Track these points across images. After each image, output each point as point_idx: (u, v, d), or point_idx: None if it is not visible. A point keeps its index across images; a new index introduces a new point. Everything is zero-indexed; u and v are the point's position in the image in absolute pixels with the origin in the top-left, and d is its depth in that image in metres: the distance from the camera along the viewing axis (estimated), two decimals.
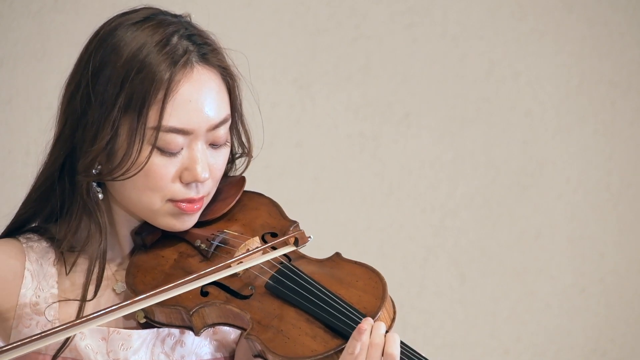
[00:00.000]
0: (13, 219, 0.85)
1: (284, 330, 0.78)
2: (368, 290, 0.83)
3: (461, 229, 2.75)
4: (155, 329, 0.84)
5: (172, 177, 0.82)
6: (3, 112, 2.09)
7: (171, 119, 0.79)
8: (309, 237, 0.84)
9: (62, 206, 0.84)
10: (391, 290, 2.71)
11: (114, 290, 0.85)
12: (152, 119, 0.79)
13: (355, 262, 0.84)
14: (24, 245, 0.84)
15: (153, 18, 0.82)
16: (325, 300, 0.79)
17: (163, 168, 0.81)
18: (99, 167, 0.81)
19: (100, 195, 0.83)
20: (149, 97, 0.78)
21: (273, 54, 3.36)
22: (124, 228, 0.87)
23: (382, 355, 0.77)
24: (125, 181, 0.81)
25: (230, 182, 0.91)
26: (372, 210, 2.58)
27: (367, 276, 0.82)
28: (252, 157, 0.89)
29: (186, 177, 0.82)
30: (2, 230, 0.87)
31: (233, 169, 0.88)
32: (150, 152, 0.79)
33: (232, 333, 0.83)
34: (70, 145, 0.82)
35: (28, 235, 0.85)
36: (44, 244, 0.84)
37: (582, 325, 3.47)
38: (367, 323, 0.75)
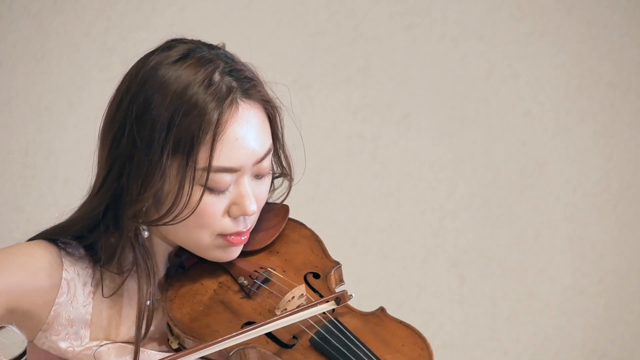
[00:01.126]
0: (40, 233, 0.84)
1: None
2: (415, 358, 0.82)
3: (460, 230, 2.75)
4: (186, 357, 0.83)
5: (222, 213, 0.81)
6: (2, 113, 2.08)
7: (220, 158, 0.78)
8: (351, 295, 0.84)
9: (106, 238, 0.83)
10: (390, 291, 2.73)
11: (145, 307, 0.84)
12: (201, 160, 0.78)
13: (401, 323, 0.82)
14: (62, 252, 0.83)
15: (192, 55, 0.81)
16: None
17: (212, 206, 0.80)
18: (145, 211, 0.80)
19: (146, 234, 0.83)
20: (198, 139, 0.77)
21: (272, 55, 3.36)
22: (162, 249, 0.86)
23: None
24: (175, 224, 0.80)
25: (272, 210, 0.90)
26: (371, 211, 2.58)
27: (413, 341, 0.81)
28: (293, 181, 0.89)
29: (235, 212, 0.82)
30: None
31: (272, 192, 0.87)
32: (202, 194, 0.79)
33: None
34: (115, 189, 0.81)
35: (66, 241, 0.84)
36: (82, 252, 0.83)
37: (582, 326, 3.47)
38: None
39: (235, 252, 0.84)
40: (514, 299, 2.91)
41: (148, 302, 0.83)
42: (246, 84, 0.81)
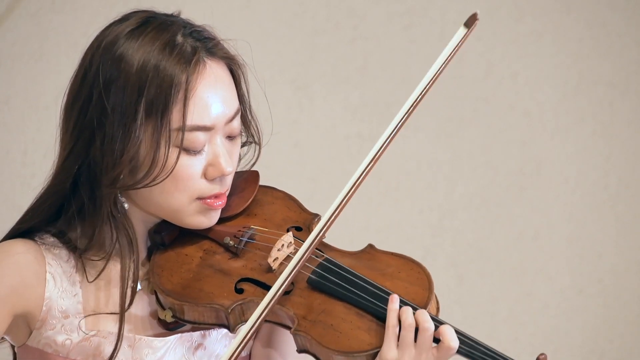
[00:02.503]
0: (11, 229, 0.84)
1: (334, 325, 0.77)
2: (413, 282, 0.82)
3: (459, 230, 2.75)
4: (177, 335, 0.83)
5: (199, 175, 0.82)
6: (1, 112, 2.08)
7: (194, 117, 0.79)
8: (318, 215, 0.84)
9: (80, 219, 0.82)
10: None
11: (131, 287, 0.84)
12: (175, 121, 0.79)
13: (392, 253, 0.83)
14: (41, 246, 0.83)
15: (151, 22, 0.82)
16: (374, 293, 0.79)
17: (190, 168, 0.81)
18: (122, 177, 0.80)
19: (126, 206, 0.83)
20: (170, 100, 0.78)
21: (271, 55, 3.36)
22: (141, 228, 0.86)
23: (438, 347, 0.77)
24: (153, 187, 0.80)
25: (243, 178, 0.91)
26: (369, 210, 2.58)
27: (409, 267, 0.82)
28: (262, 145, 0.90)
29: (212, 173, 0.82)
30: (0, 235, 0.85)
31: (239, 161, 0.87)
32: (178, 154, 0.79)
33: None
34: (84, 160, 0.81)
35: (45, 239, 0.84)
36: (60, 246, 0.83)
37: (580, 326, 3.47)
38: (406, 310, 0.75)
39: (215, 217, 0.85)
40: (513, 298, 2.91)
41: (131, 273, 0.83)
42: (209, 43, 0.83)
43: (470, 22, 0.79)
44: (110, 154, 0.79)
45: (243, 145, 0.87)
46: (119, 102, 0.78)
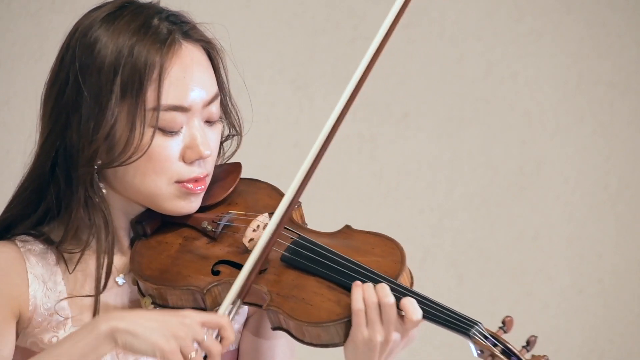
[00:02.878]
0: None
1: (305, 299, 0.77)
2: (386, 256, 0.83)
3: (459, 230, 2.75)
4: None
5: (176, 157, 0.82)
6: (1, 112, 2.08)
7: (169, 97, 0.79)
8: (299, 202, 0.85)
9: (58, 207, 0.83)
10: None
11: (116, 282, 0.84)
12: (150, 100, 0.79)
13: (368, 232, 0.84)
14: (21, 249, 0.83)
15: (127, 7, 0.83)
16: (346, 266, 0.79)
17: (166, 149, 0.81)
18: (99, 162, 0.80)
19: (104, 191, 0.82)
20: (145, 79, 0.78)
21: (271, 55, 3.36)
22: (122, 218, 0.86)
23: (402, 321, 0.77)
24: (130, 168, 0.80)
25: (226, 169, 0.91)
26: (369, 210, 2.58)
27: (383, 243, 0.82)
28: (242, 135, 0.89)
29: (189, 156, 0.82)
30: None
31: (222, 155, 0.87)
32: (153, 134, 0.79)
33: (235, 323, 0.82)
34: (61, 143, 0.81)
35: (23, 238, 0.84)
36: (41, 246, 0.83)
37: (580, 326, 3.47)
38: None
39: (195, 202, 0.85)
40: (513, 298, 2.91)
41: (121, 276, 0.83)
42: (185, 26, 0.84)
43: None
44: (86, 134, 0.79)
45: (225, 140, 0.87)
46: (94, 83, 0.79)
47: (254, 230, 0.82)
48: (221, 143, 0.87)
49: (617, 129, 3.50)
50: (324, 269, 0.79)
